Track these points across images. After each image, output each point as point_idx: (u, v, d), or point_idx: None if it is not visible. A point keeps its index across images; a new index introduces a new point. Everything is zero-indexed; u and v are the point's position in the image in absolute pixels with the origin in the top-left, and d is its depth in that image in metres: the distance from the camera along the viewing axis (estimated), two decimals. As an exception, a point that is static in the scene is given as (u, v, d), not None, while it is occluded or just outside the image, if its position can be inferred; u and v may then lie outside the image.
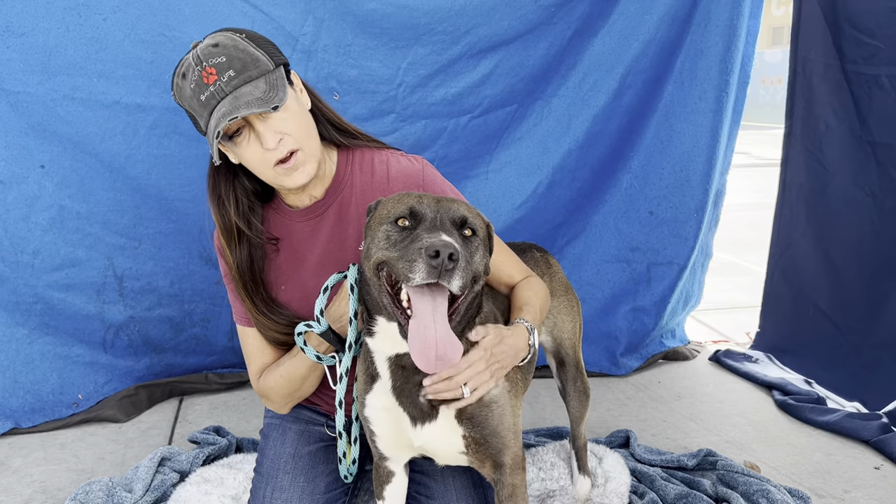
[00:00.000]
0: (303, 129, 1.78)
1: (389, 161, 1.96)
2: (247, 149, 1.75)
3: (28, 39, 2.80)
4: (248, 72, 1.68)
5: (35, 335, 3.06)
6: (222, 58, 1.68)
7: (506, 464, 1.70)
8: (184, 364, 3.43)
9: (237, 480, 2.48)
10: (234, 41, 1.71)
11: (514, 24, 3.28)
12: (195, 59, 1.69)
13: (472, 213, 1.57)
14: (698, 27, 3.42)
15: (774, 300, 3.87)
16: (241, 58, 1.69)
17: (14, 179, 2.90)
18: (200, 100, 1.69)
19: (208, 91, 1.67)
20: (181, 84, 1.72)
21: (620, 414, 3.23)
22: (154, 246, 3.17)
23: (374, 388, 1.69)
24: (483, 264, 1.56)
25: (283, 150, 1.74)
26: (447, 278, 1.36)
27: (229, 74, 1.67)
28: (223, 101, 1.67)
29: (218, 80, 1.66)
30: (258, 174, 1.82)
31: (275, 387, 1.97)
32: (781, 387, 3.40)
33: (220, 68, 1.67)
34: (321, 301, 1.73)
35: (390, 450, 1.78)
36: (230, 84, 1.67)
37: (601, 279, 3.70)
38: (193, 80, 1.68)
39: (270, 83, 1.70)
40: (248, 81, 1.68)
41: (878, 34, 3.04)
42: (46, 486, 2.64)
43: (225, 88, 1.67)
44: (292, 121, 1.75)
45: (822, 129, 3.42)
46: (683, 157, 3.58)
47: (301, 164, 1.78)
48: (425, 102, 3.30)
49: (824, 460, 2.79)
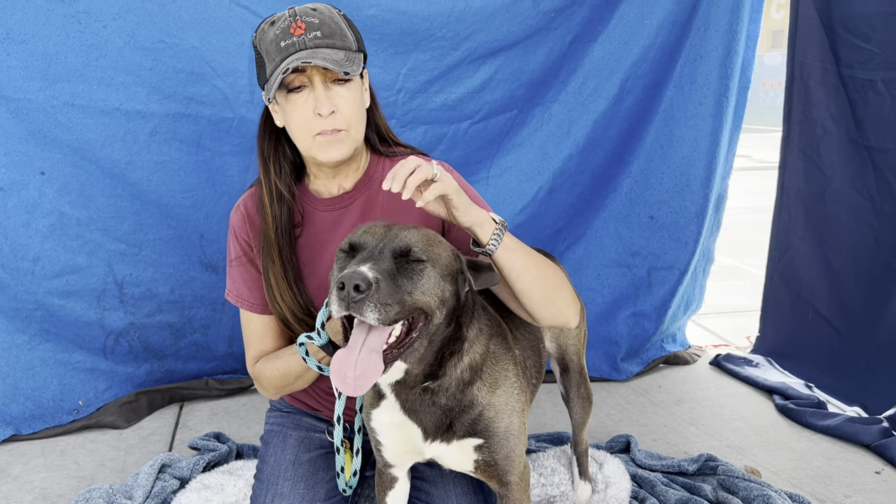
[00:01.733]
0: (356, 115, 1.83)
1: None
2: (298, 108, 1.78)
3: (28, 46, 2.80)
4: (333, 39, 1.75)
5: (35, 342, 3.06)
6: (315, 19, 1.74)
7: (512, 481, 1.71)
8: (184, 370, 3.42)
9: (237, 487, 2.48)
10: (331, 12, 1.79)
11: (513, 30, 3.29)
12: (290, 13, 1.75)
13: (425, 242, 1.47)
14: (698, 32, 3.43)
15: (774, 304, 3.87)
16: (331, 26, 1.75)
17: (14, 186, 2.91)
18: (280, 45, 1.72)
19: (291, 40, 1.72)
20: (267, 29, 1.77)
21: (621, 419, 3.23)
22: (154, 252, 3.18)
23: (381, 405, 1.67)
24: (437, 294, 1.45)
25: (330, 124, 1.78)
26: (357, 309, 1.29)
27: (316, 34, 1.73)
28: (301, 52, 1.71)
29: (304, 35, 1.72)
30: (297, 139, 1.85)
31: (269, 377, 1.97)
32: (782, 391, 3.40)
33: (310, 26, 1.73)
34: (322, 314, 1.71)
35: (396, 458, 1.77)
36: (314, 41, 1.72)
37: (602, 284, 3.70)
38: (280, 28, 1.73)
39: (349, 57, 1.75)
40: (331, 47, 1.74)
41: (874, 39, 3.05)
42: (47, 492, 2.64)
43: (308, 43, 1.72)
44: (351, 103, 1.80)
45: (819, 133, 3.42)
46: (683, 161, 3.59)
47: (341, 141, 1.81)
48: (425, 108, 3.30)
49: (825, 465, 2.79)
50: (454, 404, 1.59)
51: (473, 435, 1.63)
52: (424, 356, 1.51)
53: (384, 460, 1.78)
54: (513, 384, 1.68)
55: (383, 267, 1.38)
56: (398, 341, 1.42)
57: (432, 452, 1.66)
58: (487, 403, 1.62)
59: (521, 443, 1.71)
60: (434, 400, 1.58)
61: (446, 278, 1.48)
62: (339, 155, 1.82)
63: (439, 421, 1.60)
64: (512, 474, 1.69)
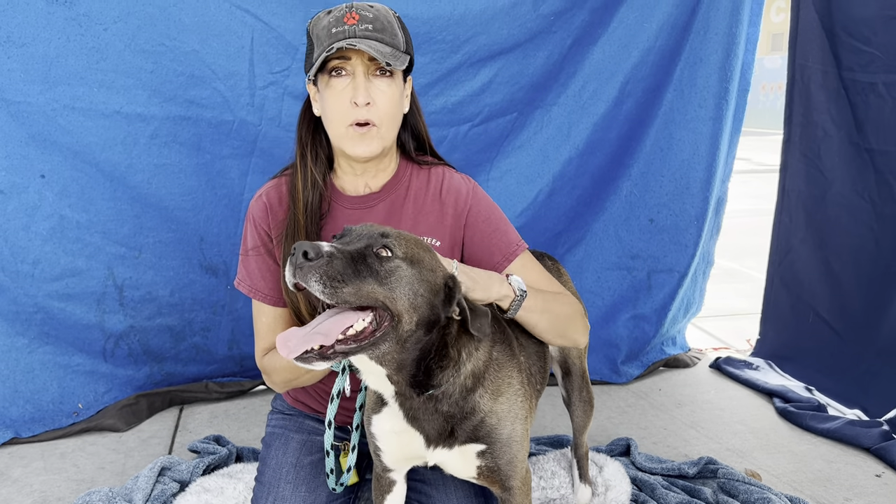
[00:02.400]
0: (392, 115, 1.86)
1: (445, 174, 2.03)
2: (336, 94, 1.81)
3: (29, 50, 2.80)
4: (383, 34, 1.79)
5: (35, 345, 3.05)
6: (370, 13, 1.80)
7: (515, 486, 1.71)
8: (184, 373, 3.42)
9: (237, 490, 2.48)
10: (387, 11, 1.84)
11: (513, 33, 3.29)
12: (348, 5, 1.81)
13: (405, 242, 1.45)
14: (697, 35, 3.44)
15: (774, 307, 3.87)
16: (383, 22, 1.80)
17: (14, 189, 2.91)
18: (331, 31, 1.77)
19: (343, 27, 1.77)
20: (322, 16, 1.83)
21: (621, 422, 3.23)
22: (154, 255, 3.17)
23: (382, 412, 1.66)
24: (408, 296, 1.40)
25: (364, 115, 1.81)
26: (302, 277, 1.28)
27: (367, 26, 1.78)
28: (350, 39, 1.75)
29: (356, 25, 1.77)
30: (330, 127, 1.88)
31: (279, 369, 1.95)
32: (782, 394, 3.39)
33: (364, 18, 1.78)
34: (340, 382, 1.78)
35: (395, 464, 1.77)
36: (364, 31, 1.77)
37: (601, 287, 3.70)
38: (335, 16, 1.79)
39: (395, 54, 1.80)
40: (379, 40, 1.78)
41: (874, 42, 3.06)
42: (46, 496, 2.64)
43: (358, 32, 1.76)
44: (389, 98, 1.83)
45: (820, 135, 3.43)
46: (683, 164, 3.59)
47: (371, 138, 1.84)
48: (425, 111, 3.19)
49: (825, 468, 2.79)
50: (456, 411, 1.58)
51: (476, 441, 1.63)
52: (402, 362, 1.46)
53: (383, 465, 1.78)
54: (516, 391, 1.68)
55: (349, 249, 1.36)
56: (357, 335, 1.38)
57: (435, 459, 1.66)
58: (490, 410, 1.62)
59: (524, 448, 1.71)
60: (437, 407, 1.57)
61: (422, 284, 1.43)
62: (366, 151, 1.85)
63: (441, 428, 1.60)
64: (514, 479, 1.69)
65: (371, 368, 1.48)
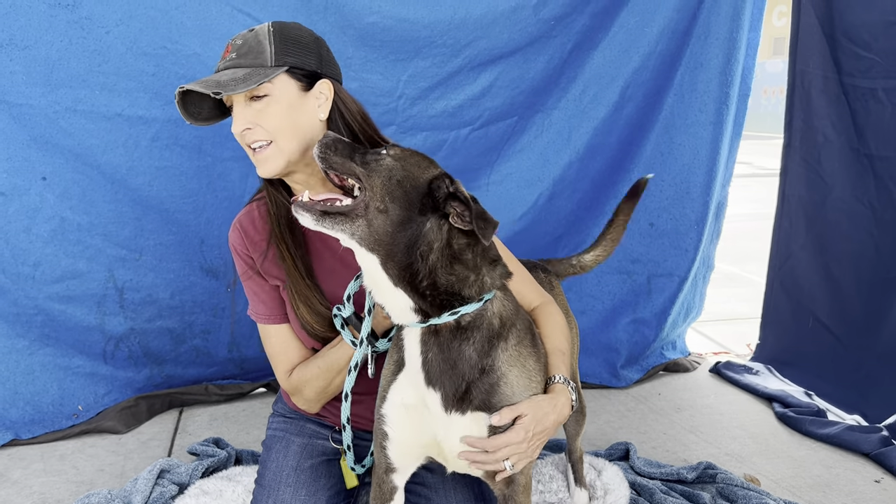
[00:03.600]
0: (285, 128, 1.77)
1: None
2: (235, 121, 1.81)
3: (31, 52, 2.81)
4: (245, 58, 1.74)
5: (35, 346, 3.06)
6: (241, 40, 1.76)
7: (519, 481, 1.70)
8: (184, 375, 3.42)
9: (236, 493, 2.48)
10: (264, 30, 1.77)
11: (514, 37, 3.30)
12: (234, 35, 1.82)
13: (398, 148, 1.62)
14: (698, 40, 3.44)
15: (774, 312, 3.87)
16: (251, 45, 1.75)
17: (15, 191, 2.91)
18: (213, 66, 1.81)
19: (217, 63, 1.78)
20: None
21: (620, 426, 3.23)
22: (155, 258, 3.18)
23: (398, 379, 1.65)
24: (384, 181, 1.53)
25: (248, 139, 1.79)
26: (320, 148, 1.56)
27: (232, 56, 1.75)
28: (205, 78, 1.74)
29: (226, 58, 1.76)
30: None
31: (311, 378, 1.92)
32: (782, 399, 3.39)
33: (234, 47, 1.76)
34: (353, 286, 1.76)
35: (402, 456, 1.74)
36: (226, 62, 1.75)
37: (601, 290, 3.71)
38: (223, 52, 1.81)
39: (252, 74, 1.71)
40: (237, 66, 1.74)
41: (874, 47, 3.06)
42: (46, 497, 2.64)
43: (220, 66, 1.76)
44: (270, 116, 1.76)
45: (820, 141, 3.43)
46: (684, 169, 3.60)
47: (266, 159, 1.80)
48: (426, 115, 3.31)
49: (824, 473, 2.79)
50: (478, 359, 1.56)
51: (488, 408, 1.60)
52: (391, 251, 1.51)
53: (388, 461, 1.74)
54: (532, 371, 1.67)
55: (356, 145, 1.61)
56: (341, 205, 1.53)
57: (447, 431, 1.62)
58: (505, 375, 1.60)
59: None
60: (461, 347, 1.55)
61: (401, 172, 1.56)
62: (268, 171, 1.81)
63: (458, 384, 1.57)
64: (521, 474, 1.68)
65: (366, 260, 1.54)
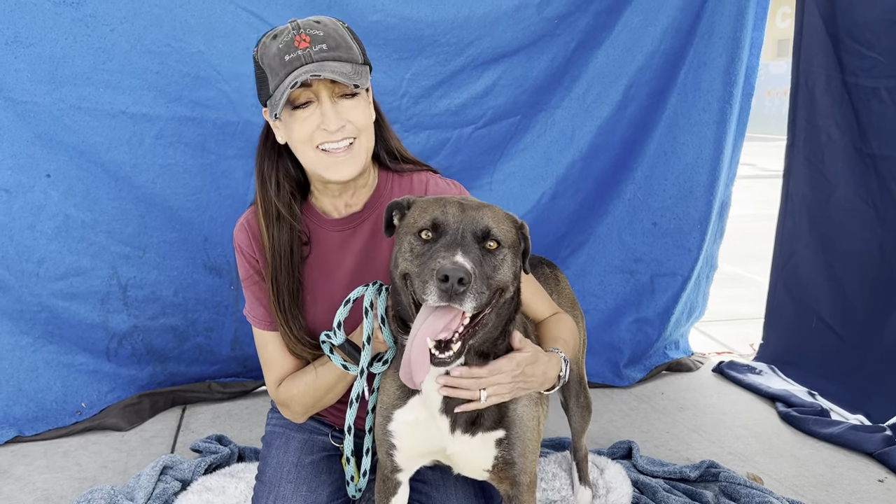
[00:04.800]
0: (369, 126, 1.82)
1: (428, 182, 1.97)
2: (305, 123, 1.75)
3: (36, 50, 2.82)
4: (340, 51, 1.72)
5: (39, 343, 3.07)
6: (320, 32, 1.72)
7: (523, 483, 1.71)
8: (187, 373, 3.43)
9: (238, 489, 2.48)
10: (335, 24, 1.76)
11: (517, 36, 3.30)
12: (293, 26, 1.72)
13: (498, 223, 1.52)
14: (702, 39, 3.44)
15: (778, 311, 3.86)
16: (336, 38, 1.73)
17: (20, 188, 2.92)
18: (284, 59, 1.69)
19: (296, 53, 1.69)
20: (269, 43, 1.74)
21: (623, 425, 3.22)
22: (158, 255, 3.19)
23: (408, 403, 1.66)
24: (512, 272, 1.53)
25: (340, 138, 1.75)
26: (458, 301, 1.35)
27: (321, 47, 1.70)
28: (308, 66, 1.68)
29: (309, 48, 1.69)
30: (302, 155, 1.81)
31: (297, 395, 1.93)
32: (785, 398, 3.39)
33: (315, 39, 1.70)
34: (342, 312, 1.71)
35: (408, 461, 1.75)
36: (320, 54, 1.69)
37: (605, 290, 3.70)
38: (284, 41, 1.70)
39: (356, 70, 1.73)
40: (338, 59, 1.71)
41: (878, 46, 3.06)
42: (49, 494, 2.65)
43: (314, 56, 1.69)
44: (360, 114, 1.78)
45: (824, 140, 3.42)
46: (687, 168, 3.59)
47: (353, 157, 1.78)
48: (429, 113, 3.31)
49: (827, 473, 2.78)
50: None
51: (497, 426, 1.63)
52: (491, 329, 1.55)
53: (393, 465, 1.75)
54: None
55: (473, 255, 1.43)
56: (472, 322, 1.46)
57: (455, 448, 1.64)
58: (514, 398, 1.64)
59: (536, 441, 1.71)
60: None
61: (516, 254, 1.56)
62: (345, 174, 1.79)
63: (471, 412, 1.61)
64: (525, 475, 1.69)
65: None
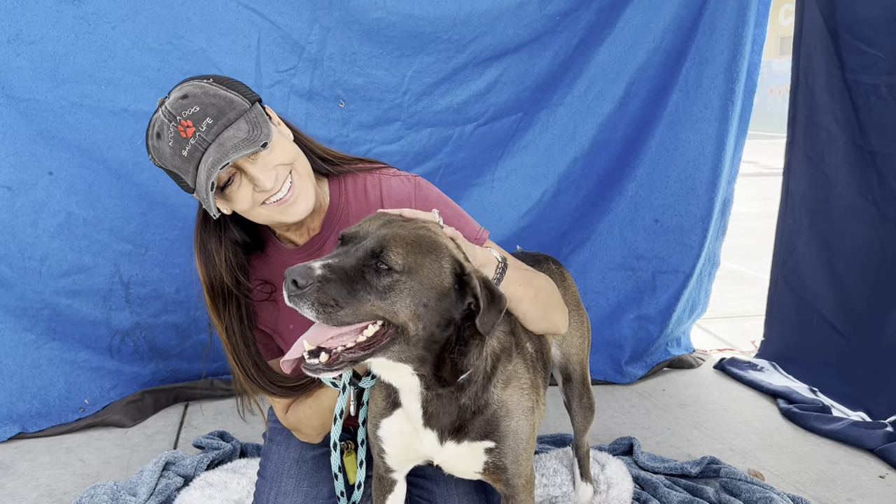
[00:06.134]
0: (293, 153, 1.73)
1: (382, 183, 1.91)
2: (238, 194, 1.67)
3: (38, 47, 2.83)
4: (226, 115, 1.60)
5: (42, 340, 3.08)
6: (195, 108, 1.58)
7: (518, 485, 1.70)
8: (189, 370, 3.44)
9: (241, 485, 2.49)
10: (202, 88, 1.63)
11: (519, 33, 3.30)
12: (167, 116, 1.59)
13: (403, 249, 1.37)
14: (703, 36, 3.44)
15: (778, 308, 3.86)
16: (214, 103, 1.60)
17: (22, 186, 2.93)
18: (182, 155, 1.59)
19: (189, 144, 1.58)
20: (157, 145, 1.63)
21: (625, 422, 3.23)
22: (160, 253, 3.19)
23: (393, 414, 1.65)
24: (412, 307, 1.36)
25: (281, 186, 1.68)
26: (296, 303, 1.28)
27: (207, 122, 1.58)
28: (208, 151, 1.58)
29: (197, 131, 1.57)
30: (253, 217, 1.75)
31: (304, 419, 1.94)
32: (786, 395, 3.39)
33: (196, 118, 1.57)
34: None
35: (399, 464, 1.76)
36: (210, 132, 1.58)
37: (606, 287, 3.70)
38: (171, 138, 1.59)
39: (251, 122, 1.61)
40: (229, 125, 1.59)
41: (877, 43, 3.05)
42: (52, 489, 2.66)
43: (206, 137, 1.57)
44: (281, 149, 1.70)
45: (824, 137, 3.42)
46: (688, 165, 3.59)
47: (303, 191, 1.72)
48: (431, 110, 3.32)
49: (829, 469, 2.79)
50: (472, 403, 1.56)
51: (485, 437, 1.61)
52: (422, 358, 1.44)
53: (386, 466, 1.76)
54: (524, 383, 1.66)
55: (345, 265, 1.32)
56: (367, 342, 1.37)
57: (442, 457, 1.65)
58: (500, 402, 1.60)
59: (530, 446, 1.69)
60: (458, 397, 1.54)
61: (427, 293, 1.38)
62: (307, 206, 1.74)
63: (453, 422, 1.57)
64: (519, 478, 1.68)
65: (393, 367, 1.45)
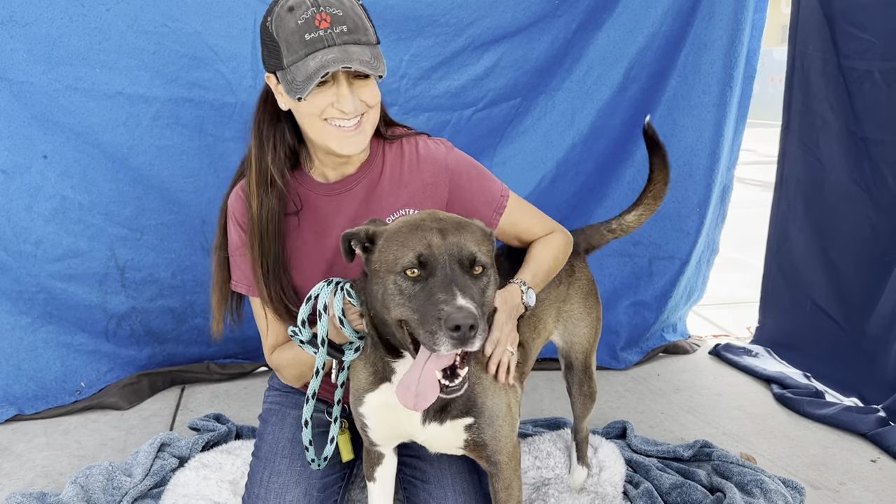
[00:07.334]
0: (377, 101, 1.86)
1: (418, 144, 2.02)
2: (318, 97, 1.77)
3: (32, 30, 2.82)
4: (359, 34, 1.75)
5: (38, 324, 3.09)
6: (339, 11, 1.73)
7: (501, 461, 1.74)
8: (185, 354, 3.45)
9: (235, 466, 2.51)
10: (352, 3, 1.78)
11: (517, 17, 3.28)
12: (311, 1, 1.72)
13: (478, 245, 1.51)
14: (702, 21, 3.42)
15: (773, 295, 3.87)
16: (354, 19, 1.75)
17: (17, 169, 2.93)
18: (304, 38, 1.70)
19: (317, 34, 1.71)
20: (285, 15, 1.73)
21: (619, 406, 3.24)
22: (156, 237, 3.19)
23: (379, 388, 1.69)
24: (494, 289, 1.55)
25: (354, 120, 1.80)
26: (470, 344, 1.36)
27: (342, 29, 1.72)
28: (331, 49, 1.70)
29: (330, 29, 1.71)
30: (309, 126, 1.83)
31: (286, 365, 2.01)
32: (780, 380, 3.40)
33: (336, 19, 1.72)
34: (304, 310, 1.70)
35: (383, 440, 1.81)
36: (342, 37, 1.72)
37: (602, 273, 3.70)
38: (303, 18, 1.71)
39: (374, 55, 1.76)
40: (358, 43, 1.74)
41: (871, 28, 3.04)
42: (48, 470, 2.68)
43: (336, 39, 1.71)
44: (372, 91, 1.82)
45: (818, 124, 3.41)
46: (686, 151, 3.58)
47: (361, 132, 1.83)
48: (428, 95, 3.30)
49: (821, 453, 2.80)
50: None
51: (466, 414, 1.66)
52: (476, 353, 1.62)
53: (370, 440, 1.82)
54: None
55: (470, 292, 1.43)
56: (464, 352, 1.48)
57: (425, 435, 1.69)
58: (477, 377, 1.66)
59: (509, 423, 1.72)
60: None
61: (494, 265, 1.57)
62: (358, 148, 1.84)
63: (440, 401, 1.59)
64: (500, 454, 1.72)
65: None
